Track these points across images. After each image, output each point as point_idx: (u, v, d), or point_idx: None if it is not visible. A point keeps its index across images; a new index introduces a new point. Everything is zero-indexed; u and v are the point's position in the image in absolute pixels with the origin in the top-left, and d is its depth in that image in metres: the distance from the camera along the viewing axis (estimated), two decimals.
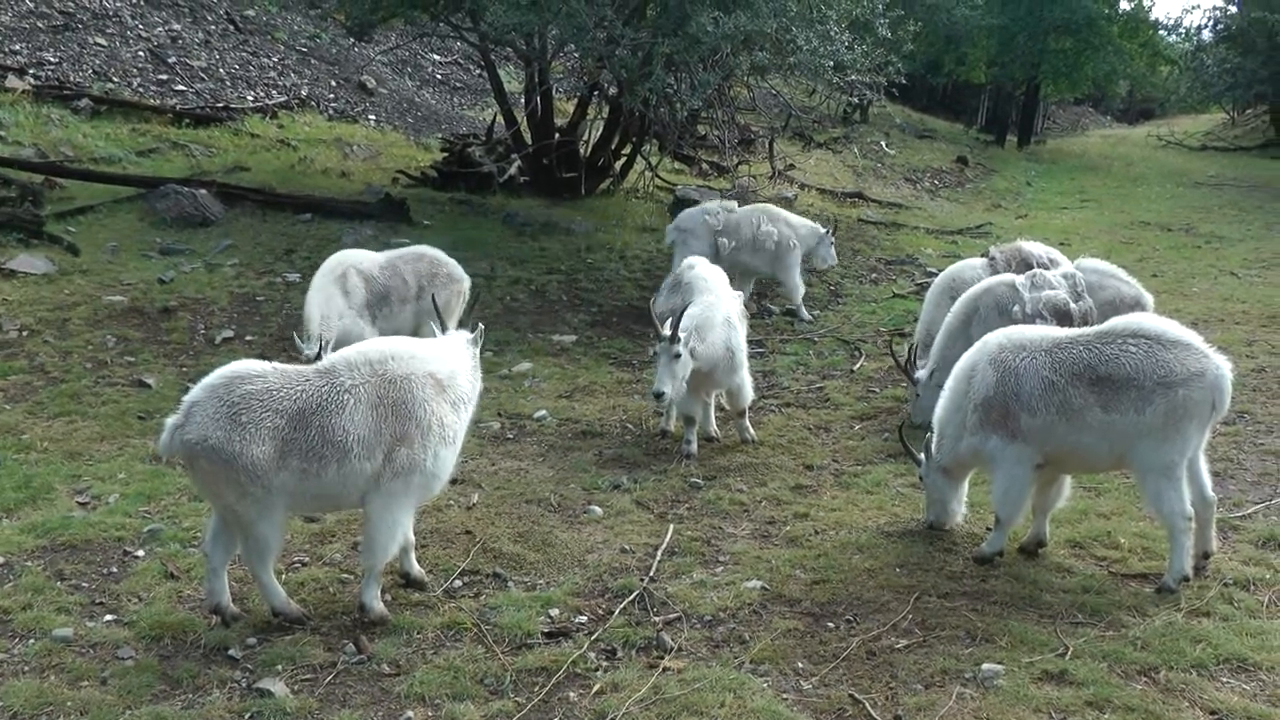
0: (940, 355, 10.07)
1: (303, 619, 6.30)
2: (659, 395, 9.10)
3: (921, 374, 10.26)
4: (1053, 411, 7.10)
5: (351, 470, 6.10)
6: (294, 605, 6.34)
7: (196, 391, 6.01)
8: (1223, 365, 6.90)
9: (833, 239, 15.85)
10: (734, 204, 15.77)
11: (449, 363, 6.61)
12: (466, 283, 11.39)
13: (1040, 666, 6.06)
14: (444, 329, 7.47)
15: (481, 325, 7.17)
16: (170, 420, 5.99)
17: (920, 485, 8.26)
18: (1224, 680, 5.99)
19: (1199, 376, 6.81)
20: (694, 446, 9.70)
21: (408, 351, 6.51)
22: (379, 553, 6.36)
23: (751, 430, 10.14)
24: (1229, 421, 10.50)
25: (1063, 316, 10.06)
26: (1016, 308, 10.13)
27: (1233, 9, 59.93)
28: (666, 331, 8.96)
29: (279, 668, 5.93)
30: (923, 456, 7.97)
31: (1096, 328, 7.45)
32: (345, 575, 6.99)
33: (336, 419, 6.04)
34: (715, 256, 14.67)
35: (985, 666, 6.02)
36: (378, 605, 6.46)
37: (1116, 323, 7.31)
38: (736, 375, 9.68)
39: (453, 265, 11.26)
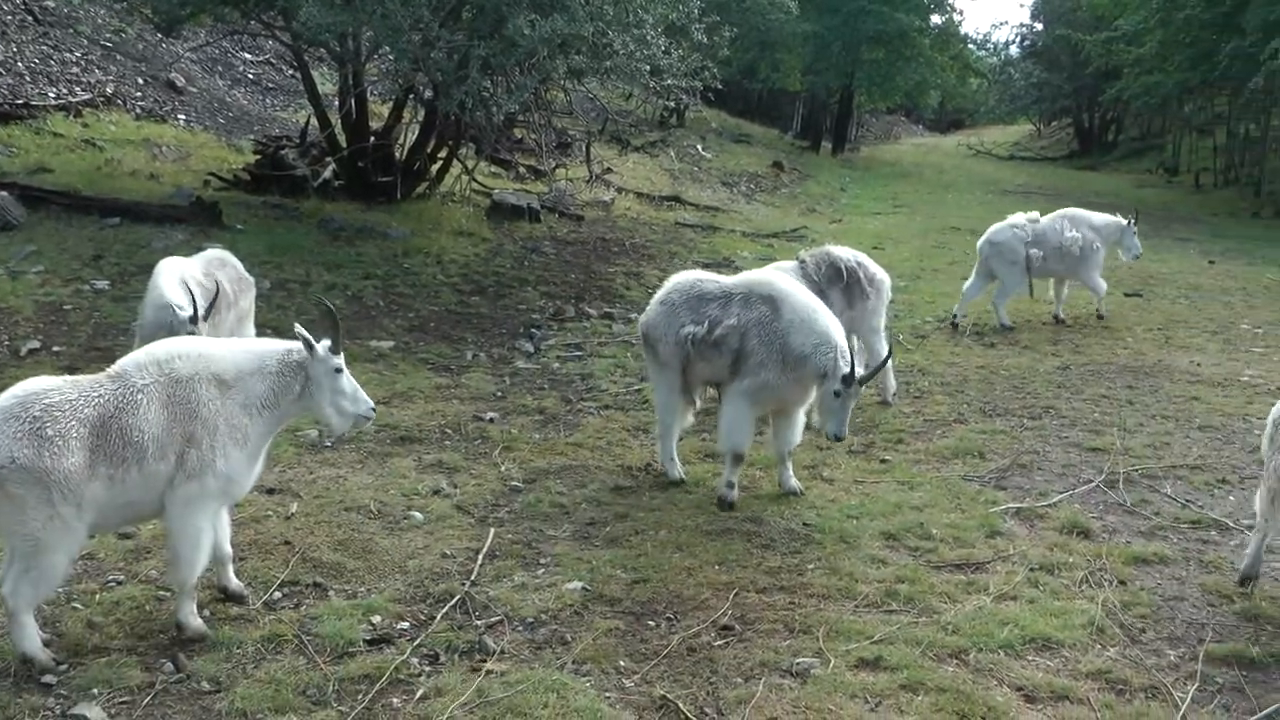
0: None
1: (54, 669, 6.00)
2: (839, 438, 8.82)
3: None
4: None
5: (150, 472, 5.98)
6: (47, 654, 6.01)
7: None
8: None
9: (1135, 228, 16.01)
10: (1037, 214, 15.95)
11: (238, 364, 6.43)
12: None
13: (856, 654, 6.30)
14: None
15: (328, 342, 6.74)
16: None
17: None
18: (1030, 658, 6.35)
19: None
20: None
21: (194, 351, 6.38)
22: (186, 566, 6.22)
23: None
24: (1036, 416, 11.12)
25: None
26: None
27: (1038, 26, 62.99)
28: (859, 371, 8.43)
29: (95, 691, 5.74)
30: None
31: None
32: (162, 593, 6.82)
33: (132, 419, 5.93)
34: (1027, 268, 15.27)
35: (802, 658, 6.24)
36: (194, 621, 6.34)
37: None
38: None
39: (244, 269, 11.06)
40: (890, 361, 11.48)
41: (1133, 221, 16.04)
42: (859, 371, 8.38)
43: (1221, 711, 5.83)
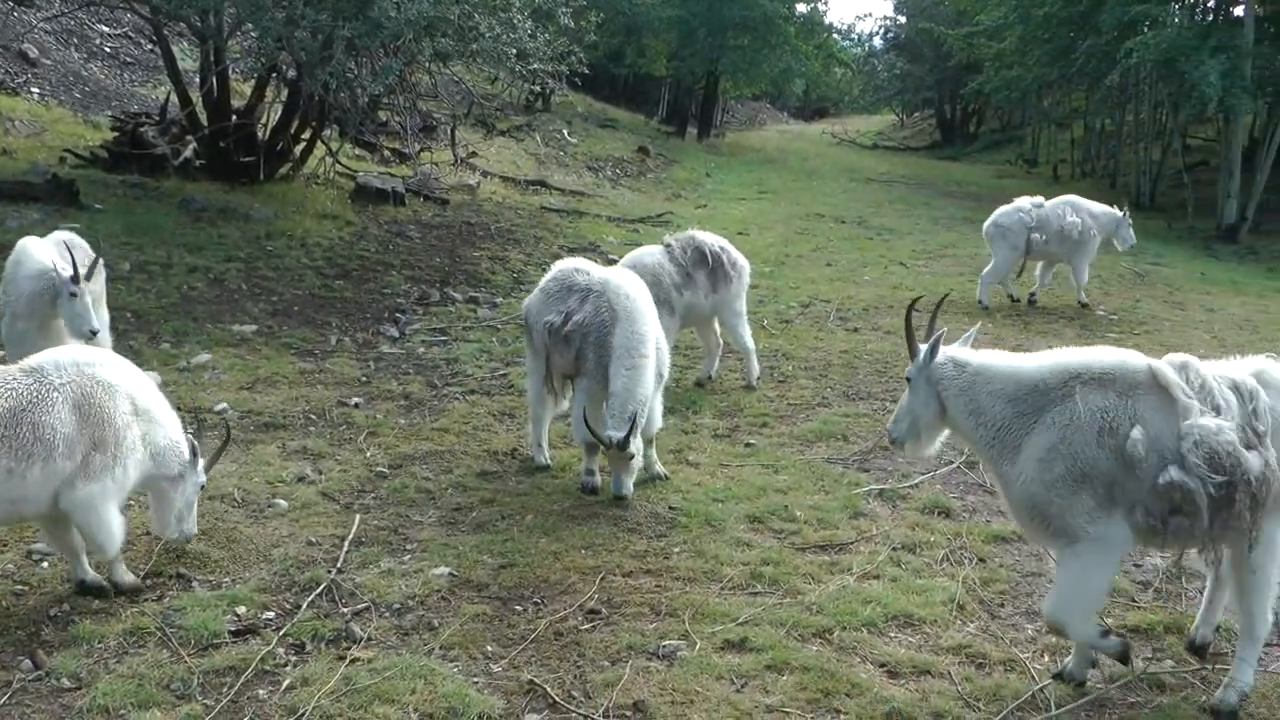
0: None
1: None
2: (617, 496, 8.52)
3: None
4: None
5: (53, 470, 5.96)
6: None
7: None
8: None
9: (1129, 220, 16.69)
10: (1041, 199, 16.48)
11: (153, 405, 6.58)
12: None
13: (722, 636, 6.40)
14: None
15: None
16: None
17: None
18: (893, 635, 6.53)
19: None
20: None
21: (121, 365, 6.50)
22: (109, 545, 6.39)
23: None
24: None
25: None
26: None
27: (901, 20, 64.36)
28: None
29: None
30: None
31: None
32: (19, 587, 6.68)
33: (46, 416, 5.91)
34: (1028, 251, 15.93)
35: (668, 641, 6.33)
36: (128, 577, 6.62)
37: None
38: None
39: (92, 251, 10.82)
40: (753, 346, 11.81)
41: (1126, 213, 16.90)
42: (617, 436, 8.17)
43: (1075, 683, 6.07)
